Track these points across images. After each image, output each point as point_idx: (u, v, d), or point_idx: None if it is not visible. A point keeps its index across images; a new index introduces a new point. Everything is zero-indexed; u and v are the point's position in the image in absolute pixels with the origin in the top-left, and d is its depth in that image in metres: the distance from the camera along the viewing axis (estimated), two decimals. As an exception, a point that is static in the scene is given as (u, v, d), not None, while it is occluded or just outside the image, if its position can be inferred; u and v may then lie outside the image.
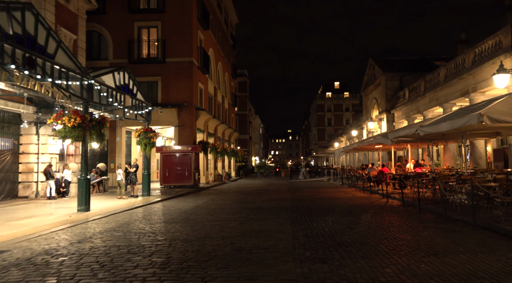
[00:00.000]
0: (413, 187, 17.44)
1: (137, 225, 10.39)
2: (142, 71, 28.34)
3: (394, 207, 13.28)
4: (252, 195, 20.48)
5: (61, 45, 11.89)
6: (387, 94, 30.31)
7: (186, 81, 28.19)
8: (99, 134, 13.83)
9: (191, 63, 28.27)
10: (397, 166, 19.49)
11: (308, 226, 9.78)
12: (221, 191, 24.06)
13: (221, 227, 9.89)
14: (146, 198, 18.21)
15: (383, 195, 16.99)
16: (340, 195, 19.10)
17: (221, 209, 14.02)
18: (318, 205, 14.54)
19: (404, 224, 9.70)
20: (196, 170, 26.23)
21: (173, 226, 10.20)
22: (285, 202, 16.01)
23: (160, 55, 28.33)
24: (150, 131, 18.71)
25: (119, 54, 28.32)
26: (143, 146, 18.72)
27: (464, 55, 18.09)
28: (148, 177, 19.44)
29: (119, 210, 13.63)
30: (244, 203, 15.89)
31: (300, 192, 21.84)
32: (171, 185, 25.84)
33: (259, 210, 13.31)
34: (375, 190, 19.16)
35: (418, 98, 24.13)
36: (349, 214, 11.75)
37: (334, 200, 16.29)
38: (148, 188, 19.35)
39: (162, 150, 26.26)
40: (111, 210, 13.75)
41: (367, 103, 37.41)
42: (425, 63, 32.32)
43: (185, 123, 28.06)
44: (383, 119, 30.93)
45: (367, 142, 19.04)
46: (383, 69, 30.73)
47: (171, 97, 28.22)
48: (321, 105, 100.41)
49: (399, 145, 21.60)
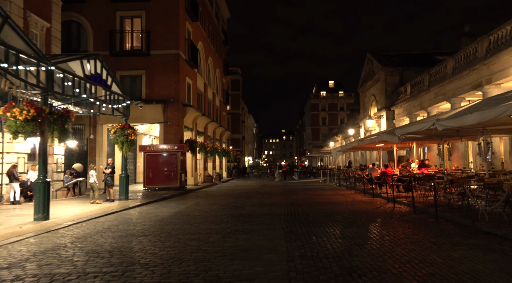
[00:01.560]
0: (420, 191, 15.71)
1: (96, 240, 8.44)
2: (125, 64, 26.35)
3: (404, 215, 11.45)
4: (242, 198, 18.60)
5: (9, 21, 9.90)
6: (386, 90, 28.55)
7: (173, 75, 26.21)
8: (62, 130, 11.84)
9: (177, 55, 26.30)
10: (401, 166, 17.70)
11: (306, 241, 7.90)
12: (209, 194, 22.15)
13: (198, 242, 7.99)
14: (123, 203, 16.25)
15: (388, 199, 15.17)
16: (339, 198, 17.26)
17: (204, 216, 12.11)
18: (316, 212, 12.68)
19: (424, 239, 7.86)
20: (182, 171, 24.29)
21: (139, 241, 8.27)
22: (279, 208, 14.14)
23: (145, 47, 26.32)
24: (128, 128, 16.73)
25: (100, 46, 26.27)
26: (120, 145, 16.74)
27: (476, 44, 16.33)
28: (126, 179, 17.46)
29: (85, 218, 11.66)
30: (232, 209, 13.99)
31: (295, 195, 19.98)
32: (155, 187, 23.88)
33: (248, 218, 11.42)
34: (378, 193, 17.36)
35: (421, 93, 22.37)
36: (354, 224, 9.89)
37: (334, 205, 14.44)
38: (125, 191, 17.37)
39: (146, 149, 24.27)
40: (76, 218, 11.79)
41: (365, 100, 35.66)
42: (426, 57, 30.63)
43: (172, 120, 26.08)
44: (383, 117, 29.18)
45: (368, 140, 17.24)
46: (383, 64, 28.96)
47: (156, 92, 26.24)
48: (315, 104, 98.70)
49: (402, 144, 19.84)
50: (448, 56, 27.12)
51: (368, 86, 33.63)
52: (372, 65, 32.28)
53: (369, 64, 33.27)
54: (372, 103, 33.12)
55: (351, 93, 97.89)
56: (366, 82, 34.38)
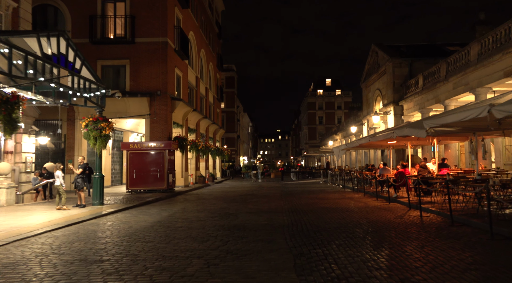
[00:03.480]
0: (441, 194, 13.38)
1: (27, 270, 5.97)
2: (107, 53, 23.82)
3: (441, 228, 9.05)
4: (236, 202, 16.15)
5: None
6: (394, 83, 26.16)
7: (160, 66, 23.70)
8: (8, 119, 9.35)
9: (165, 44, 23.78)
10: (420, 166, 15.33)
11: (326, 274, 5.48)
12: (200, 197, 19.69)
13: (170, 276, 5.54)
14: (96, 209, 13.75)
15: (410, 206, 12.76)
16: (349, 203, 14.85)
17: (188, 228, 9.65)
18: (326, 222, 10.25)
19: (497, 269, 5.46)
20: (170, 171, 21.79)
21: (88, 271, 5.81)
22: (280, 216, 11.71)
23: (129, 34, 23.78)
24: (102, 121, 14.22)
25: (79, 33, 23.70)
26: (92, 140, 14.24)
27: (509, 23, 13.97)
28: (100, 181, 14.93)
29: (36, 232, 9.16)
30: (224, 217, 11.54)
31: (297, 198, 17.56)
32: (140, 189, 21.38)
33: (243, 232, 8.98)
34: (394, 197, 14.97)
35: (437, 84, 19.99)
36: (383, 243, 7.48)
37: (346, 213, 12.01)
38: (100, 194, 14.85)
39: (129, 147, 21.74)
40: (25, 231, 9.27)
41: (368, 95, 33.27)
42: (436, 48, 28.30)
43: (159, 115, 23.57)
44: (390, 112, 26.81)
45: (382, 136, 14.84)
46: (390, 54, 26.57)
47: (141, 84, 23.71)
48: (312, 102, 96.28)
49: (418, 141, 17.48)
50: (460, 47, 24.84)
51: (373, 80, 31.24)
52: (377, 57, 29.91)
53: (374, 56, 30.89)
54: (377, 98, 30.75)
55: (349, 91, 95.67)
56: (370, 75, 31.99)
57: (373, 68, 31.22)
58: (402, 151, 25.50)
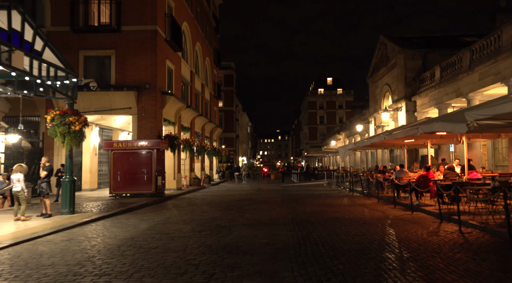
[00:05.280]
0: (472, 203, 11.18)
1: None
2: (90, 42, 21.57)
3: (502, 253, 6.80)
4: (231, 210, 13.91)
5: None
6: (406, 76, 23.88)
7: (149, 57, 21.44)
8: None
9: (155, 32, 21.53)
10: (447, 169, 13.06)
11: None
12: (191, 202, 17.46)
13: None
14: (64, 219, 11.51)
15: (440, 217, 10.50)
16: (363, 212, 12.60)
17: (164, 251, 7.41)
18: (343, 241, 8.00)
19: None
20: (159, 173, 19.56)
21: None
22: (282, 230, 9.46)
23: (114, 22, 21.51)
24: (71, 114, 11.96)
25: (60, 20, 21.47)
26: (60, 138, 11.98)
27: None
28: (71, 186, 12.66)
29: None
30: (213, 233, 9.29)
31: (301, 205, 15.30)
32: (125, 193, 19.18)
33: (235, 258, 6.75)
34: (416, 205, 12.72)
35: (459, 76, 17.71)
36: (435, 282, 5.22)
37: (364, 226, 9.76)
38: (70, 202, 12.58)
39: (113, 146, 19.49)
40: None
41: (375, 91, 30.99)
42: (452, 39, 26.06)
43: (147, 111, 21.32)
44: (401, 109, 24.55)
45: (403, 132, 12.58)
46: (402, 46, 24.29)
47: (128, 77, 21.45)
48: (313, 102, 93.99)
49: (441, 139, 15.28)
50: (478, 37, 22.59)
51: (381, 74, 28.96)
52: (386, 50, 27.64)
53: (382, 49, 28.63)
54: (386, 94, 28.49)
55: (350, 90, 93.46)
56: (377, 70, 29.71)
57: (381, 61, 28.96)
58: (415, 151, 23.27)
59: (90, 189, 24.32)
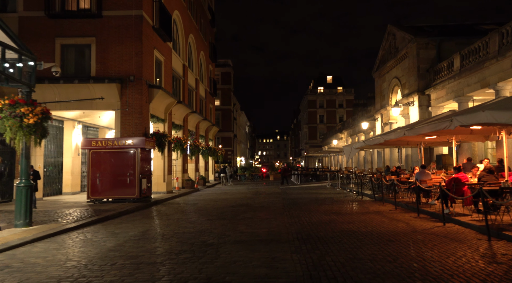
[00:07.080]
0: None
1: None
2: (67, 29, 19.32)
3: None
4: (223, 220, 11.67)
5: None
6: (419, 68, 21.64)
7: (133, 45, 19.19)
8: None
9: (140, 18, 19.29)
10: (485, 170, 10.85)
11: None
12: (179, 209, 15.24)
13: None
14: (15, 234, 9.28)
15: (488, 232, 8.27)
16: (382, 224, 10.36)
17: (119, 290, 5.17)
18: (369, 271, 5.79)
19: None
20: (144, 174, 17.33)
21: None
22: (286, 253, 7.23)
23: (94, 6, 19.27)
24: (23, 104, 9.70)
25: (33, 4, 19.22)
26: (9, 133, 9.71)
27: None
28: (26, 192, 10.37)
29: None
30: (194, 257, 7.06)
31: (305, 212, 13.07)
32: (106, 198, 16.97)
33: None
34: (448, 214, 10.48)
35: (485, 63, 15.46)
36: None
37: (391, 245, 7.53)
38: (25, 212, 10.30)
39: (91, 145, 17.22)
40: None
41: (382, 86, 28.75)
42: (468, 28, 23.88)
43: (132, 105, 19.07)
44: (412, 104, 22.31)
45: (429, 127, 10.34)
46: (414, 34, 22.07)
47: (110, 67, 19.20)
48: (312, 100, 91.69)
49: (473, 135, 13.10)
50: (497, 26, 20.41)
51: (389, 67, 26.70)
52: (395, 40, 25.40)
53: (390, 39, 26.38)
54: (394, 88, 26.25)
55: (351, 89, 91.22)
56: (385, 63, 27.45)
57: (389, 53, 26.74)
58: (429, 150, 21.05)
59: (71, 193, 22.14)
